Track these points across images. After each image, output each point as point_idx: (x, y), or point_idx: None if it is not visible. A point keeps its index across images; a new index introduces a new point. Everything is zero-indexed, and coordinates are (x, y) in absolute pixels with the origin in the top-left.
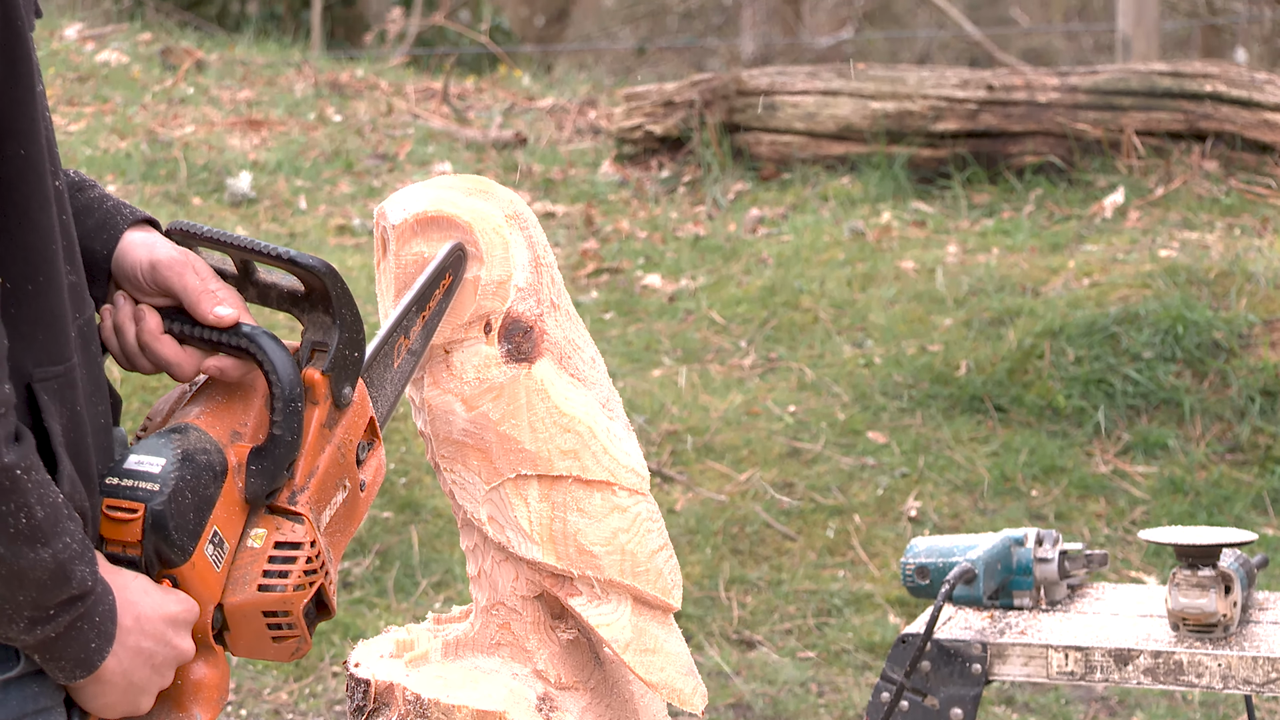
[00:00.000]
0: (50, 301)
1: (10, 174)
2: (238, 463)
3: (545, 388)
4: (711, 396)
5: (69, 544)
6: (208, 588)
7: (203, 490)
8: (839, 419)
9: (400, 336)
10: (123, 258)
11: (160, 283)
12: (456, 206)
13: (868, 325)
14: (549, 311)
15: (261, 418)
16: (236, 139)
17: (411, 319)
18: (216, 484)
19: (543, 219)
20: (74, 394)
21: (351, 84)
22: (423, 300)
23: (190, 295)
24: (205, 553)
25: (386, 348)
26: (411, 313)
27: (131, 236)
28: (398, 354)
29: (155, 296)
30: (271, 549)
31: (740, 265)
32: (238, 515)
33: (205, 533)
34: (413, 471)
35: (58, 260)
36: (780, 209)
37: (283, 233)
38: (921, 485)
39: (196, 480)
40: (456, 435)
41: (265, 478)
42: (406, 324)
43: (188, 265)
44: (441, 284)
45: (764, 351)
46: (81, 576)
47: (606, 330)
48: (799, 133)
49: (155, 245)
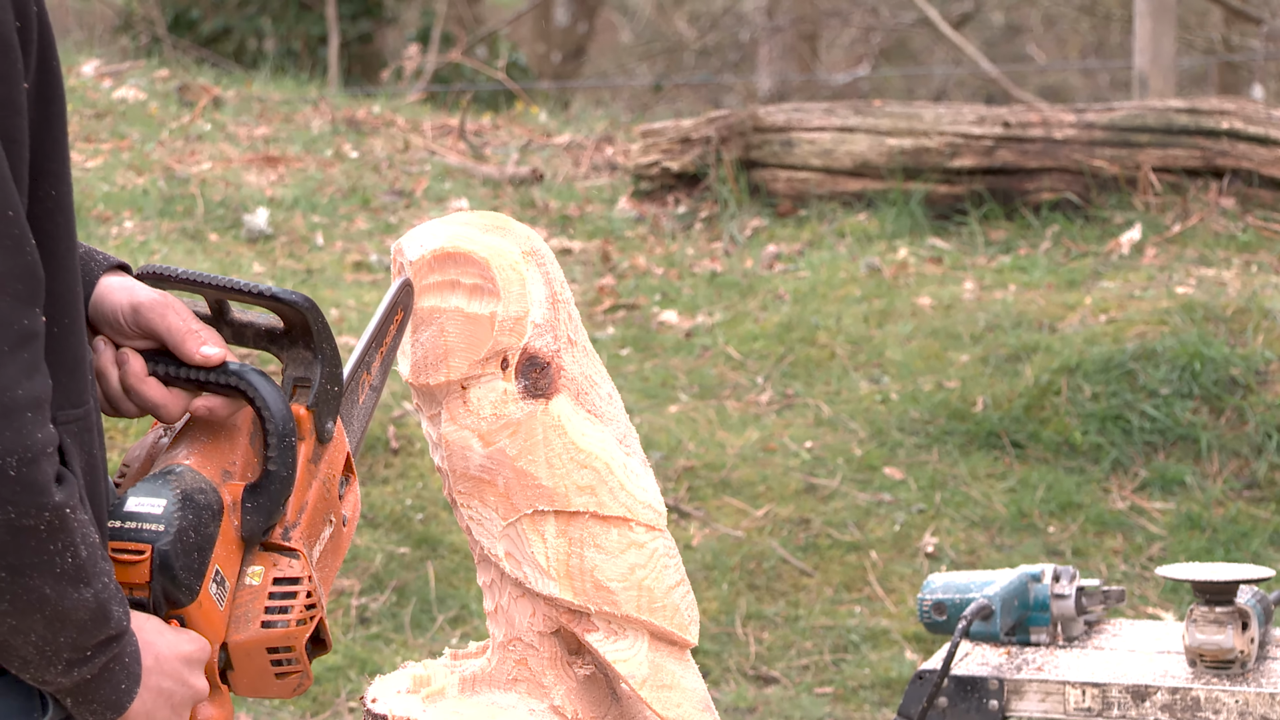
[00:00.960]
0: (73, 344)
1: (42, 215)
2: (232, 501)
3: (562, 423)
4: (728, 432)
5: (107, 584)
6: (214, 626)
7: (204, 529)
8: (855, 455)
9: (363, 373)
10: (101, 302)
11: (143, 325)
12: (473, 243)
13: (884, 361)
14: (566, 347)
15: (248, 455)
16: (253, 175)
17: (371, 355)
18: (215, 522)
19: (559, 255)
20: (91, 437)
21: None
22: (380, 336)
23: (175, 336)
24: (210, 592)
25: (352, 384)
26: (371, 349)
27: (109, 281)
28: (361, 389)
29: (137, 339)
30: (271, 585)
31: (757, 301)
32: (235, 553)
33: (208, 572)
34: (429, 507)
35: (80, 302)
36: (797, 245)
37: (299, 269)
38: (938, 521)
39: (198, 519)
40: (473, 471)
41: (262, 514)
42: (368, 360)
43: (169, 306)
44: (395, 319)
45: (780, 388)
46: (118, 617)
47: (623, 366)
48: (815, 169)
49: (134, 288)
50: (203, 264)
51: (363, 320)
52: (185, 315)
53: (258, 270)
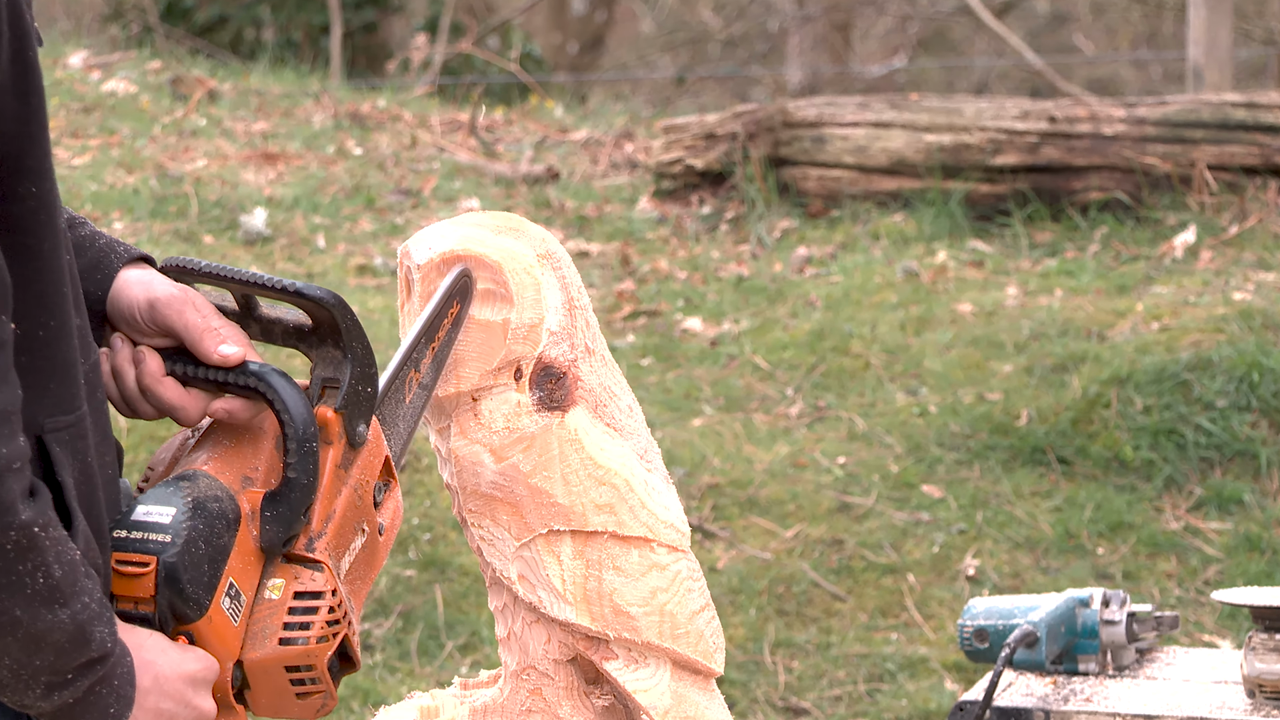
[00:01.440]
0: (61, 348)
1: (23, 214)
2: (250, 509)
3: (579, 438)
4: (756, 447)
5: (87, 604)
6: (226, 644)
7: (216, 540)
8: (891, 471)
9: (410, 370)
10: (119, 297)
11: (160, 322)
12: (485, 245)
13: (922, 372)
14: (583, 357)
15: (273, 461)
16: (251, 173)
17: (421, 351)
18: (230, 532)
19: (576, 258)
20: (84, 445)
21: (373, 115)
22: (431, 331)
23: (192, 334)
24: (222, 606)
25: (397, 383)
26: (420, 344)
27: (127, 275)
28: (409, 388)
29: (155, 337)
30: (291, 599)
31: (786, 308)
32: (253, 565)
33: (221, 585)
34: (438, 527)
35: (68, 304)
36: (829, 248)
37: (300, 272)
38: (980, 542)
39: (210, 529)
40: (485, 488)
41: (281, 524)
42: (416, 356)
43: (188, 302)
44: (449, 313)
45: (811, 400)
46: (101, 638)
47: (644, 377)
48: (849, 167)
49: (153, 283)
50: None
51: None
52: (206, 311)
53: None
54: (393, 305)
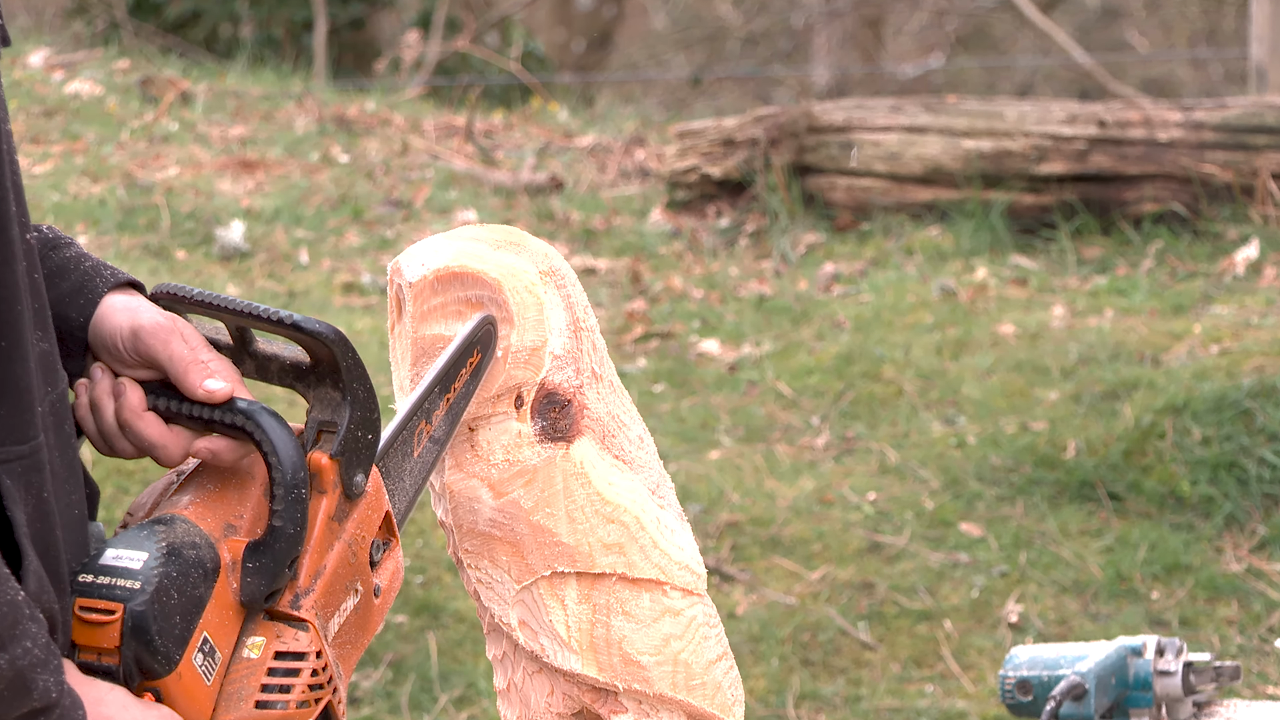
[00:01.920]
0: (14, 371)
1: None
2: (232, 559)
3: (585, 471)
4: (778, 482)
5: (30, 649)
6: (196, 703)
7: (191, 590)
8: (927, 508)
9: (421, 421)
10: (101, 324)
11: (143, 352)
12: (483, 261)
13: (960, 399)
14: (590, 383)
15: (260, 508)
16: (228, 183)
17: (434, 401)
18: (207, 583)
19: (582, 275)
20: (41, 478)
21: (361, 119)
22: (447, 380)
23: (178, 366)
24: (194, 662)
25: (405, 433)
26: (434, 394)
27: (112, 300)
28: (418, 441)
29: (138, 369)
30: (271, 660)
31: (812, 329)
32: (232, 620)
33: (194, 639)
34: (431, 569)
35: (22, 323)
36: (858, 264)
37: (280, 291)
38: (1023, 586)
39: (184, 578)
40: (482, 526)
41: (264, 576)
42: (429, 407)
43: (175, 332)
44: (469, 362)
45: (839, 430)
46: (45, 687)
47: (656, 405)
48: (880, 176)
49: (139, 310)
50: None
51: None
52: (194, 342)
53: (232, 293)
54: (382, 326)
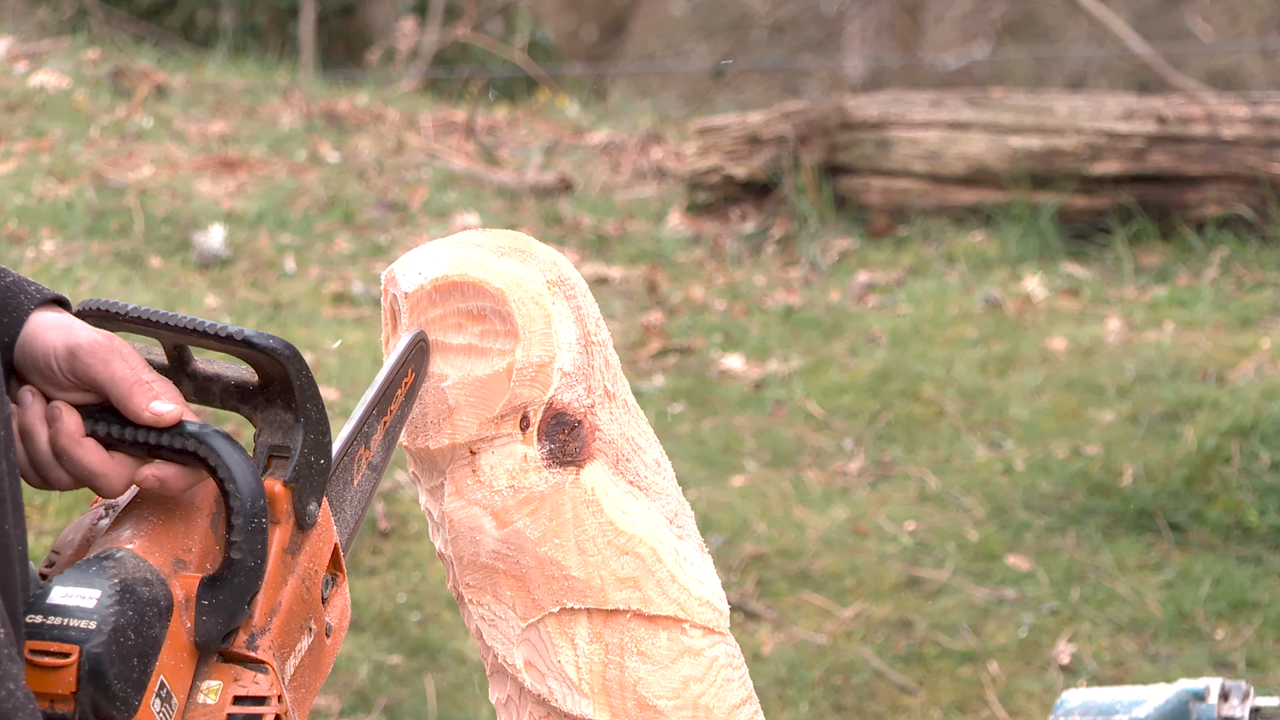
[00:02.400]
0: None
1: None
2: (185, 596)
3: (597, 498)
4: (808, 510)
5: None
6: None
7: (147, 630)
8: (970, 540)
9: (361, 446)
10: (30, 344)
11: (81, 373)
12: (485, 269)
13: (1006, 421)
14: (602, 402)
15: (208, 541)
16: (207, 184)
17: (371, 425)
18: (162, 622)
19: (594, 285)
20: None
21: (352, 114)
22: (383, 402)
23: (119, 387)
24: (152, 709)
25: (346, 459)
26: (371, 418)
27: (41, 318)
28: (357, 468)
29: (73, 391)
30: (230, 705)
31: (844, 344)
32: (186, 663)
33: (151, 684)
34: (428, 605)
35: None
36: (895, 273)
37: (265, 301)
38: (1075, 624)
39: (140, 617)
40: (485, 558)
41: (222, 614)
42: (367, 431)
43: (115, 351)
44: (404, 382)
45: (875, 454)
46: None
47: (675, 426)
48: (919, 176)
49: (73, 328)
50: (143, 296)
51: (345, 368)
52: (134, 362)
53: (211, 304)
54: (375, 340)
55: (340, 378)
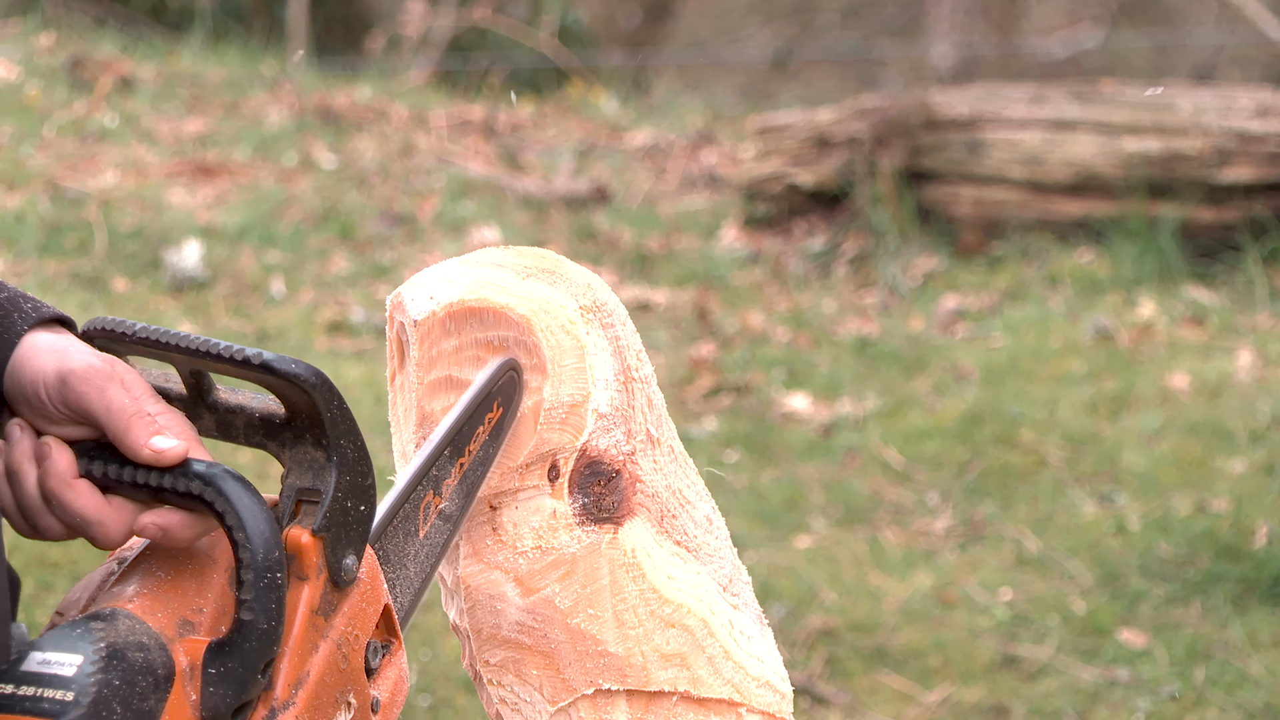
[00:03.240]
0: None
1: None
2: (190, 664)
3: (638, 561)
4: (886, 577)
5: None
6: None
7: (139, 703)
8: (1076, 611)
9: (428, 492)
10: (21, 369)
11: (73, 403)
12: (508, 293)
13: (1119, 472)
14: (644, 448)
15: (225, 600)
16: (181, 193)
17: (444, 468)
18: (159, 694)
19: (635, 312)
20: None
21: (351, 111)
22: (459, 441)
23: (118, 420)
24: None
25: (408, 508)
26: (444, 458)
27: (35, 340)
28: (424, 517)
29: (66, 425)
30: None
31: (929, 381)
32: None
33: None
34: (440, 687)
35: None
36: (989, 297)
37: (248, 330)
38: (1200, 710)
39: (129, 687)
40: (507, 631)
41: (231, 685)
42: (437, 474)
43: (113, 377)
44: (487, 418)
45: (964, 510)
46: None
47: (729, 478)
48: (1017, 184)
49: (68, 351)
50: None
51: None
52: (136, 391)
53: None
54: (378, 377)
55: None
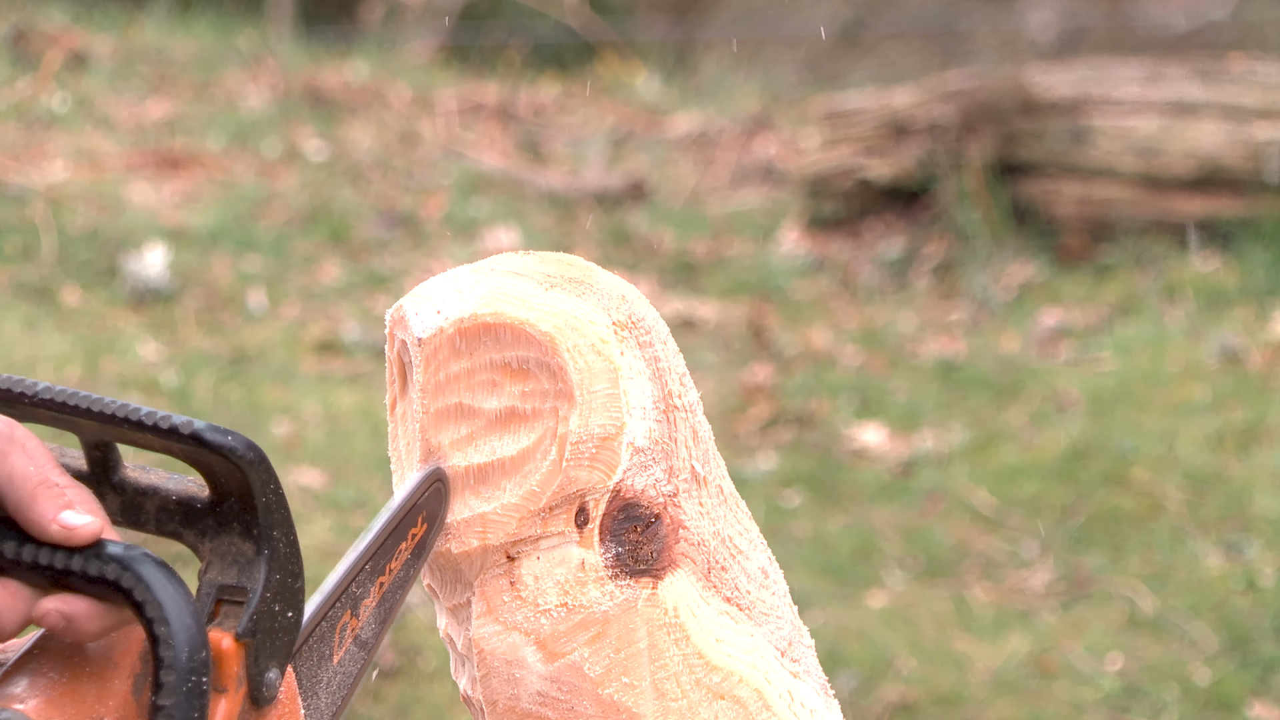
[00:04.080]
0: None
1: None
2: None
3: (682, 621)
4: (974, 641)
5: None
6: None
7: None
8: (1199, 682)
9: (345, 611)
10: None
11: None
12: (529, 307)
13: (1249, 518)
14: (688, 489)
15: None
16: (143, 188)
17: (363, 585)
18: None
19: (678, 329)
20: None
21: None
22: (379, 557)
23: (19, 490)
24: None
25: (325, 626)
26: (363, 574)
27: None
28: (340, 640)
29: None
30: None
31: (1025, 411)
32: None
33: None
34: None
35: None
36: (1096, 312)
37: (223, 350)
38: None
39: None
40: (527, 703)
41: None
42: (356, 592)
43: (14, 442)
44: (410, 533)
45: (1067, 562)
46: None
47: (789, 523)
48: (1129, 178)
49: None
50: (54, 343)
51: (333, 444)
52: (40, 459)
53: (148, 354)
54: (375, 406)
55: (327, 455)
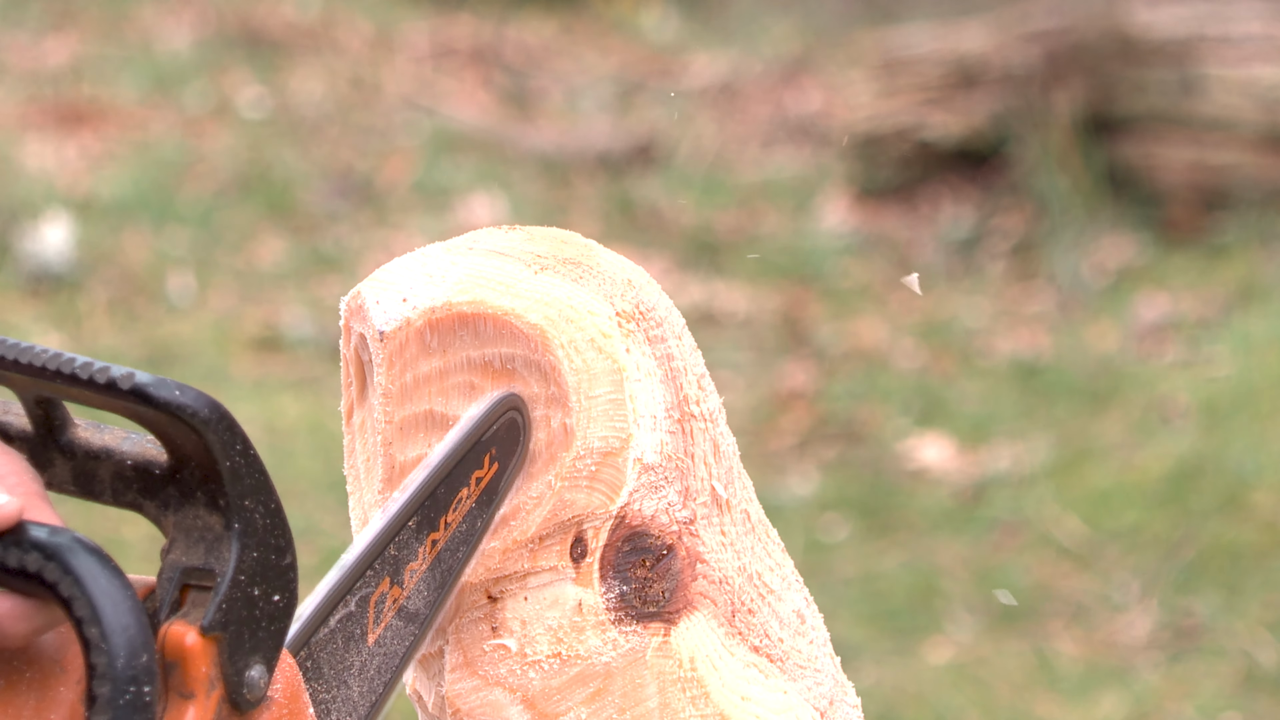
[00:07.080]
0: None
1: None
2: None
3: (700, 675)
4: (1060, 701)
5: None
6: None
7: None
8: None
9: (383, 579)
10: None
11: None
12: (514, 294)
13: None
14: (708, 515)
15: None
16: (40, 148)
17: (408, 546)
18: None
19: (695, 321)
20: None
21: (287, 31)
22: (432, 509)
23: None
24: None
25: (354, 601)
26: (408, 531)
27: None
28: (377, 615)
29: None
30: None
31: (1123, 422)
32: None
33: None
34: None
35: None
36: (1210, 300)
37: (136, 345)
38: None
39: None
40: None
41: None
42: (398, 555)
43: None
44: (475, 477)
45: (1173, 608)
46: None
47: (832, 556)
48: (1250, 137)
49: None
50: None
51: (275, 466)
52: None
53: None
54: (327, 413)
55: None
